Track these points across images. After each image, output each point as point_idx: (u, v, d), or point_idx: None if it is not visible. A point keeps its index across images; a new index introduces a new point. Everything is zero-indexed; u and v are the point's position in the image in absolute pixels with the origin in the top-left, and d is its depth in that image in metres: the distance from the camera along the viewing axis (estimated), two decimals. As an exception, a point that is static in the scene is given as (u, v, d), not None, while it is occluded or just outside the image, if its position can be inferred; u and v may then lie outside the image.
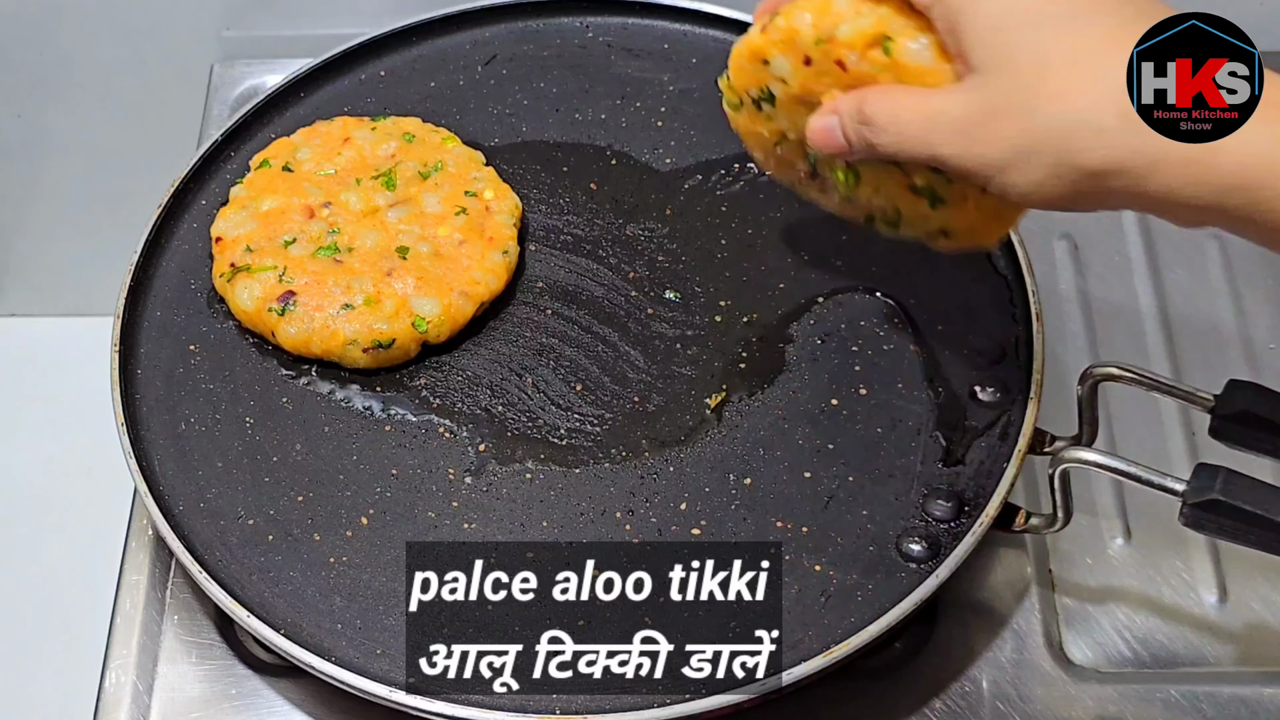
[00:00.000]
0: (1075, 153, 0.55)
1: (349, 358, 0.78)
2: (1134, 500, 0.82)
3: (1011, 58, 0.56)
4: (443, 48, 0.94)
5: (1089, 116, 0.55)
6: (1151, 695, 0.74)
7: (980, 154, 0.58)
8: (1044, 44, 0.56)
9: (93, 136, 1.15)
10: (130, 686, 0.74)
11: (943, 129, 0.58)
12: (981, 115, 0.57)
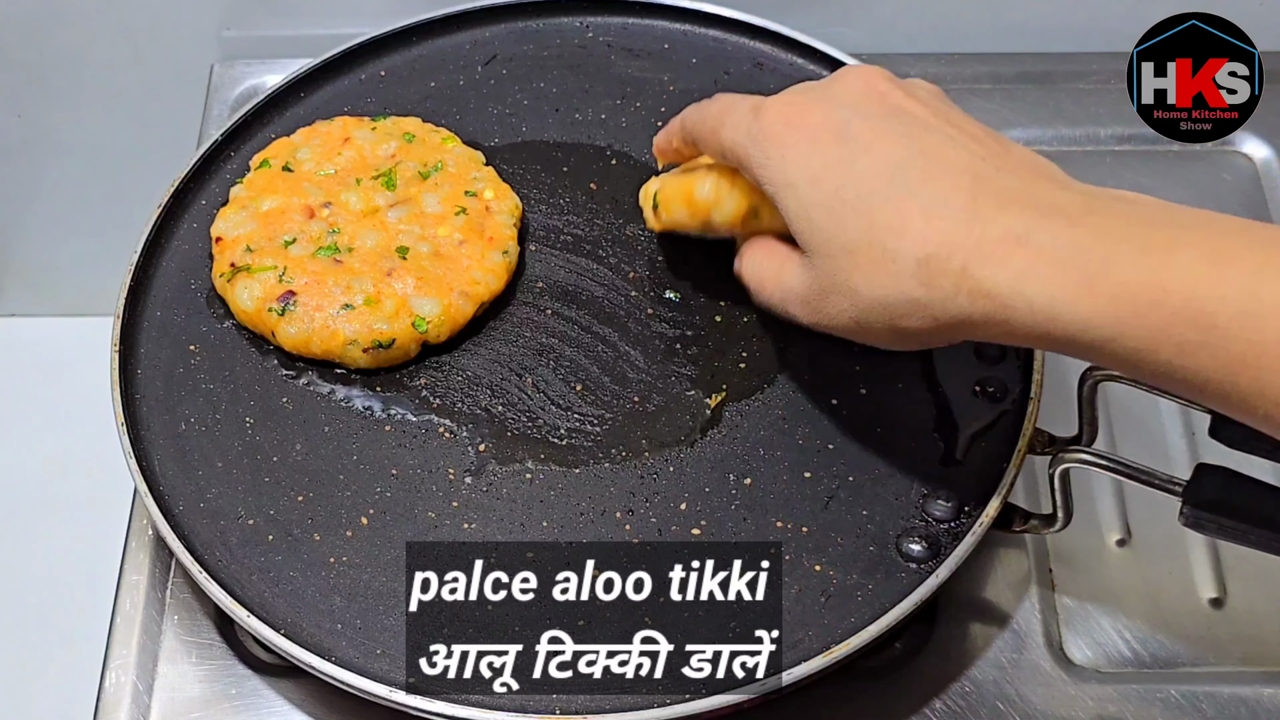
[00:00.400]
0: (901, 320, 0.61)
1: (349, 358, 0.78)
2: (1134, 500, 0.82)
3: (824, 243, 0.63)
4: (443, 48, 0.94)
5: (898, 292, 0.60)
6: (1151, 695, 0.74)
7: (828, 323, 0.65)
8: (845, 230, 0.61)
9: (93, 136, 1.15)
10: (130, 686, 0.74)
11: (792, 301, 0.67)
12: (819, 292, 0.64)
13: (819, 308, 0.65)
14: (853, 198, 0.61)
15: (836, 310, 0.63)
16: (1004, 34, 1.04)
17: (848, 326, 0.64)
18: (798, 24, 0.93)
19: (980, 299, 0.58)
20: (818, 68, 0.92)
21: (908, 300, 0.60)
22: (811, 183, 0.63)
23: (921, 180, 0.60)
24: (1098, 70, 1.00)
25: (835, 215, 0.62)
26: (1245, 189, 0.94)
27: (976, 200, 0.59)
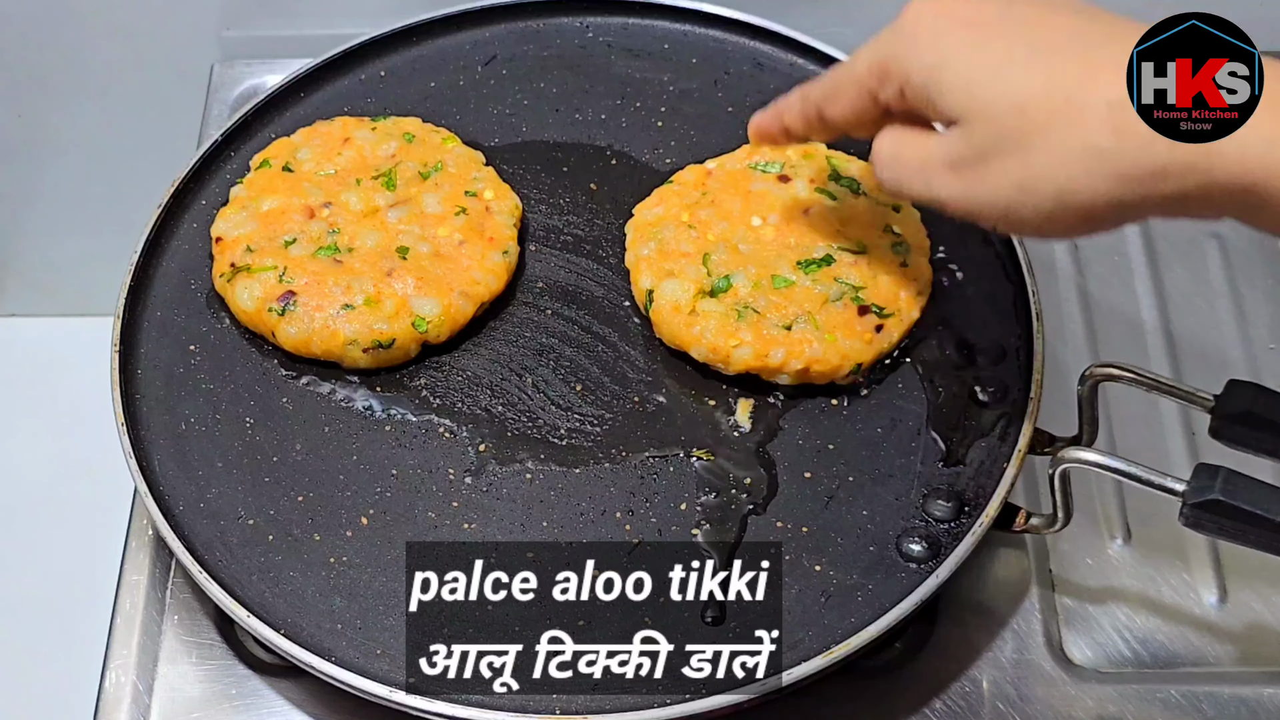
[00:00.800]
0: (1076, 181, 0.56)
1: (349, 358, 0.78)
2: (1134, 500, 0.82)
3: (988, 104, 0.58)
4: (443, 48, 0.94)
5: (1081, 143, 0.55)
6: (1151, 695, 0.74)
7: (983, 193, 0.59)
8: (1015, 87, 0.57)
9: (93, 136, 1.15)
10: (130, 686, 0.74)
11: (939, 173, 0.61)
12: (975, 158, 0.59)
13: (975, 177, 0.59)
14: (1024, 56, 0.57)
15: (996, 177, 0.58)
16: (1004, 34, 1.03)
17: (1005, 197, 0.58)
18: (798, 24, 0.93)
19: (1180, 145, 0.54)
20: (818, 68, 0.92)
21: (1093, 152, 0.55)
22: (972, 51, 0.58)
23: (1106, 39, 0.56)
24: (1098, 70, 0.99)
25: (1002, 76, 0.57)
26: (1245, 189, 0.94)
27: None
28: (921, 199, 0.63)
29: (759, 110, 0.73)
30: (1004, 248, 0.82)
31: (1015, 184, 0.57)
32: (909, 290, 0.78)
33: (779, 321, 0.76)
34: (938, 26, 0.60)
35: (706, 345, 0.76)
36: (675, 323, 0.77)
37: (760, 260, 0.78)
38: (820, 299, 0.77)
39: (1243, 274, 0.91)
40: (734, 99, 0.91)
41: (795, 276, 0.77)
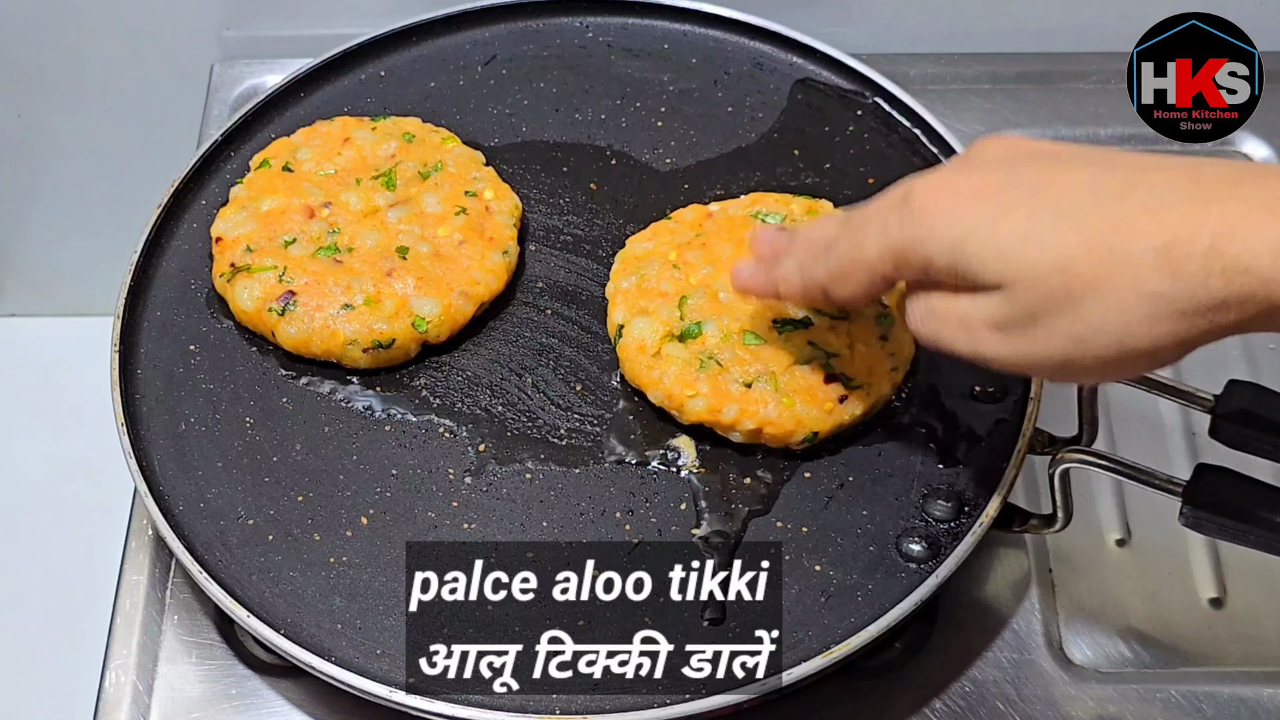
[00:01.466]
0: (1136, 327, 0.55)
1: (349, 358, 0.78)
2: (1134, 500, 0.82)
3: (1028, 268, 0.56)
4: (443, 48, 0.94)
5: (1136, 291, 0.54)
6: (1151, 695, 0.74)
7: (1036, 353, 0.58)
8: (1052, 248, 0.55)
9: (93, 136, 1.15)
10: (130, 686, 0.74)
11: (987, 339, 0.59)
12: (1024, 320, 0.57)
13: (1025, 337, 0.57)
14: (1051, 218, 0.56)
15: (1048, 336, 0.57)
16: (1004, 34, 1.04)
17: (1062, 352, 0.57)
18: (798, 24, 0.93)
19: (1238, 276, 0.52)
20: (817, 68, 0.92)
21: (1149, 297, 0.54)
22: (994, 222, 0.57)
23: (1127, 187, 0.55)
24: (1098, 70, 1.00)
25: (1035, 239, 0.56)
26: (1245, 189, 0.94)
27: (1200, 183, 0.54)
28: (964, 356, 0.61)
29: (743, 265, 0.70)
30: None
31: (1071, 339, 0.56)
32: (884, 365, 0.75)
33: (740, 378, 0.74)
34: (950, 204, 0.58)
35: (663, 390, 0.75)
36: (638, 362, 0.76)
37: (737, 312, 0.76)
38: (788, 360, 0.74)
39: (1243, 274, 0.91)
40: (734, 99, 0.91)
41: (767, 334, 0.76)
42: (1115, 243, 0.54)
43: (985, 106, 0.98)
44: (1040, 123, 0.98)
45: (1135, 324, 0.55)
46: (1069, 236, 0.55)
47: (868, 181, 0.87)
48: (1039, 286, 0.56)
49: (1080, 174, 0.57)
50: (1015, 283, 0.56)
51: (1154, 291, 0.54)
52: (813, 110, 0.90)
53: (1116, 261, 0.54)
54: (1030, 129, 0.97)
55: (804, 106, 0.91)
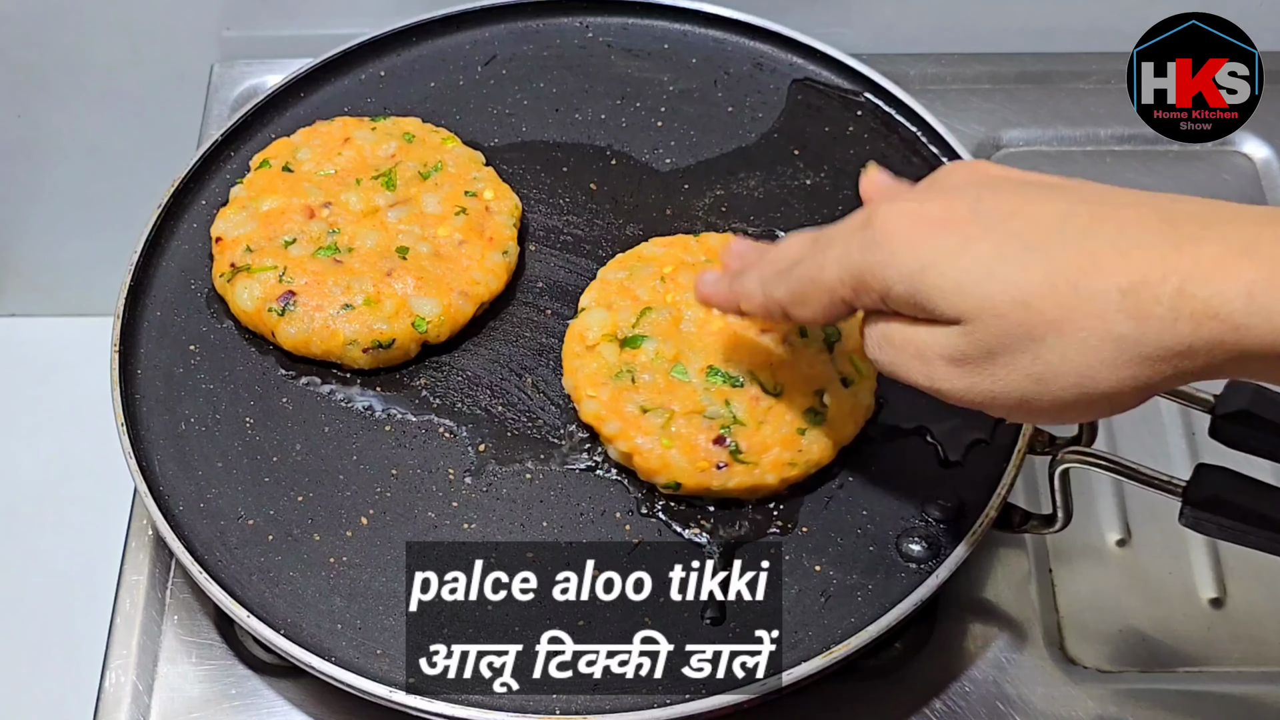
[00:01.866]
0: (1097, 370, 0.53)
1: (349, 358, 0.78)
2: (1134, 500, 0.82)
3: (986, 302, 0.54)
4: (443, 48, 0.94)
5: (1100, 333, 0.52)
6: (1151, 695, 0.74)
7: (995, 390, 0.56)
8: (1016, 283, 0.53)
9: (93, 136, 1.15)
10: (130, 686, 0.74)
11: (944, 374, 0.57)
12: (982, 357, 0.55)
13: (982, 373, 0.56)
14: (1015, 252, 0.54)
15: (1006, 373, 0.55)
16: (1004, 34, 1.04)
17: (1019, 391, 0.55)
18: (798, 24, 0.93)
19: (1207, 321, 0.50)
20: (817, 68, 0.92)
21: (1113, 339, 0.52)
22: (956, 253, 0.55)
23: (1095, 222, 0.53)
24: (1098, 70, 1.00)
25: (997, 274, 0.54)
26: (1245, 189, 0.94)
27: (1172, 224, 0.52)
28: (920, 387, 0.59)
29: (709, 274, 0.69)
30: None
31: (1030, 378, 0.54)
32: (783, 458, 0.72)
33: (643, 402, 0.73)
34: (913, 232, 0.56)
35: (573, 380, 0.75)
36: (571, 346, 0.76)
37: (683, 342, 0.75)
38: (695, 407, 0.73)
39: (1243, 274, 0.91)
40: (734, 99, 0.91)
41: (694, 377, 0.74)
42: (1080, 281, 0.52)
43: (985, 106, 0.98)
44: (1040, 123, 0.98)
45: (1097, 367, 0.53)
46: (1033, 272, 0.53)
47: (868, 181, 0.87)
48: (999, 322, 0.54)
49: (1048, 205, 0.55)
50: (974, 317, 0.55)
51: (1118, 334, 0.52)
52: (812, 110, 0.90)
53: (1080, 301, 0.52)
54: (1030, 129, 0.98)
55: (804, 106, 0.91)
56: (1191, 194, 0.84)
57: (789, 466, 0.72)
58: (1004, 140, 0.97)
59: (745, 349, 0.74)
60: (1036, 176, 0.58)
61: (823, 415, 0.73)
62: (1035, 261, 0.53)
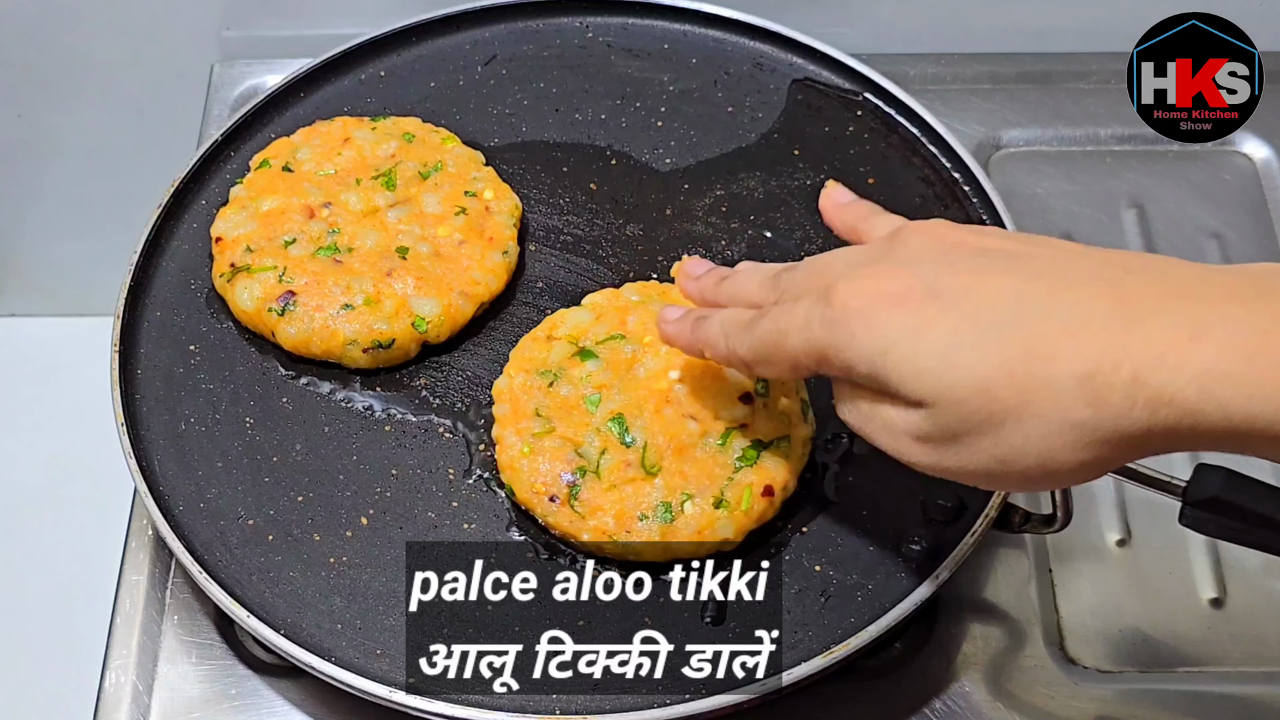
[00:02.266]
0: (1058, 452, 0.54)
1: (349, 358, 0.78)
2: (1134, 500, 0.82)
3: (948, 389, 0.54)
4: (443, 48, 0.94)
5: (1059, 419, 0.53)
6: (1151, 695, 0.74)
7: (960, 467, 0.57)
8: (973, 370, 0.54)
9: (93, 136, 1.15)
10: (130, 686, 0.74)
11: (911, 450, 0.58)
12: (947, 439, 0.56)
13: (947, 452, 0.56)
14: (971, 334, 0.54)
15: (970, 453, 0.55)
16: (1004, 34, 1.04)
17: (984, 468, 0.56)
18: (798, 24, 0.93)
19: (1162, 408, 0.51)
20: (817, 68, 0.92)
21: (1071, 425, 0.52)
22: (915, 336, 0.55)
23: (1050, 299, 0.54)
24: (1098, 70, 1.00)
25: (954, 360, 0.54)
26: (1245, 189, 0.94)
27: (1125, 303, 0.52)
28: (889, 453, 0.59)
29: (671, 311, 0.68)
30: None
31: (993, 458, 0.55)
32: (606, 526, 0.70)
33: (541, 406, 0.73)
34: (871, 312, 0.56)
35: (497, 387, 0.75)
36: (538, 329, 0.77)
37: (621, 380, 0.74)
38: (575, 439, 0.72)
39: (1243, 274, 0.91)
40: (734, 99, 0.91)
41: (601, 414, 0.73)
42: (1036, 368, 0.53)
43: (985, 106, 0.98)
44: (1040, 123, 0.98)
45: (1058, 450, 0.53)
46: (990, 357, 0.53)
47: (868, 182, 0.87)
48: (960, 408, 0.54)
49: (1003, 280, 0.55)
50: (936, 402, 0.55)
51: (1076, 420, 0.52)
52: (812, 110, 0.90)
53: (1038, 387, 0.53)
54: (1030, 129, 0.98)
55: (804, 106, 0.91)
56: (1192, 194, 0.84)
57: (607, 538, 0.70)
58: (1004, 140, 0.97)
59: (661, 421, 0.72)
60: (994, 239, 0.58)
61: (670, 518, 0.71)
62: (992, 345, 0.53)
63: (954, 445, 0.56)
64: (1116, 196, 0.94)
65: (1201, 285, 0.52)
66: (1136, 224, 0.93)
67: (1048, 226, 0.92)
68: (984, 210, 0.85)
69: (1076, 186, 0.95)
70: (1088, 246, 0.57)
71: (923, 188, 0.86)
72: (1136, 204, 0.94)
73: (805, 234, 0.85)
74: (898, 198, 0.85)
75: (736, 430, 0.72)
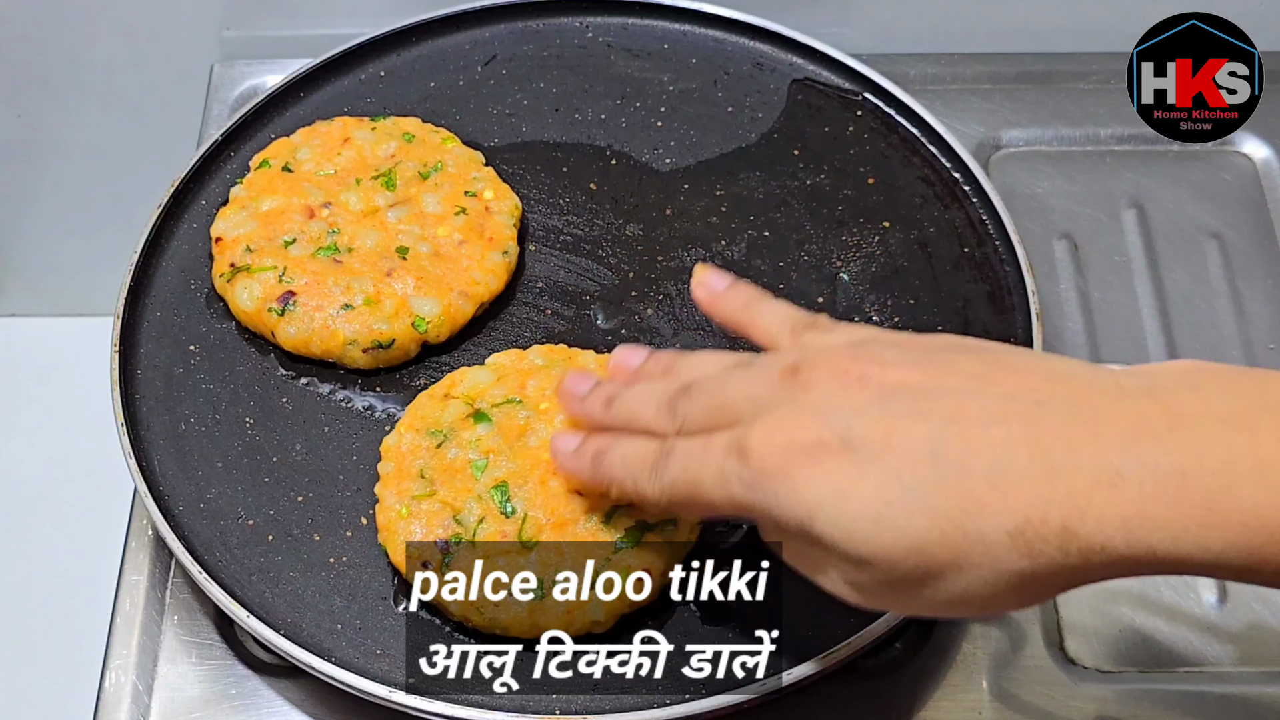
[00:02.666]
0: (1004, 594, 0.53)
1: (349, 358, 0.78)
2: (1134, 500, 0.82)
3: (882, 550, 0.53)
4: (443, 48, 0.94)
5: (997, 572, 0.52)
6: (1151, 695, 0.74)
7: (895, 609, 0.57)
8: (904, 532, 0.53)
9: (93, 136, 1.15)
10: (130, 686, 0.74)
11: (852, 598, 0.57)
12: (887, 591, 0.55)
13: (887, 600, 0.56)
14: (898, 496, 0.53)
15: (910, 600, 0.55)
16: (1004, 34, 1.04)
17: (928, 610, 0.55)
18: (798, 24, 0.93)
19: (1094, 554, 0.51)
20: (817, 68, 0.92)
21: (1010, 575, 0.52)
22: (840, 499, 0.53)
23: (966, 451, 0.53)
24: (1098, 70, 1.00)
25: (883, 524, 0.53)
26: (1245, 189, 0.94)
27: (1040, 448, 0.52)
28: (828, 593, 0.58)
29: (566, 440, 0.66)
30: (1004, 246, 0.82)
31: (935, 604, 0.55)
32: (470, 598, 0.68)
33: (427, 468, 0.71)
34: (789, 471, 0.55)
35: (386, 443, 0.73)
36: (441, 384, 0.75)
37: (510, 448, 0.71)
38: (455, 506, 0.70)
39: (1243, 274, 0.91)
40: (734, 99, 0.91)
41: (485, 481, 0.71)
42: (968, 525, 0.52)
43: (985, 106, 0.98)
44: (1040, 123, 0.98)
45: (999, 594, 0.53)
46: (918, 519, 0.52)
47: (868, 182, 0.87)
48: (896, 568, 0.53)
49: (916, 430, 0.53)
50: (871, 562, 0.54)
51: (1014, 570, 0.52)
52: (812, 110, 0.90)
53: (971, 544, 0.52)
54: (1030, 129, 0.97)
55: (804, 106, 0.91)
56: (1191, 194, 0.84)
57: (474, 610, 0.68)
58: (1004, 140, 0.97)
59: (546, 493, 0.70)
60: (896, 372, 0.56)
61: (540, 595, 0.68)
62: (919, 507, 0.52)
63: (893, 594, 0.55)
64: (1116, 196, 0.94)
65: (1115, 420, 0.51)
66: (1136, 224, 0.93)
67: (1048, 226, 0.92)
68: (984, 210, 0.84)
69: (1076, 186, 0.95)
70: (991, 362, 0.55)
71: (923, 188, 0.86)
72: (1136, 204, 0.94)
73: (805, 234, 0.85)
74: (898, 198, 0.85)
75: (623, 510, 0.70)
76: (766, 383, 0.58)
